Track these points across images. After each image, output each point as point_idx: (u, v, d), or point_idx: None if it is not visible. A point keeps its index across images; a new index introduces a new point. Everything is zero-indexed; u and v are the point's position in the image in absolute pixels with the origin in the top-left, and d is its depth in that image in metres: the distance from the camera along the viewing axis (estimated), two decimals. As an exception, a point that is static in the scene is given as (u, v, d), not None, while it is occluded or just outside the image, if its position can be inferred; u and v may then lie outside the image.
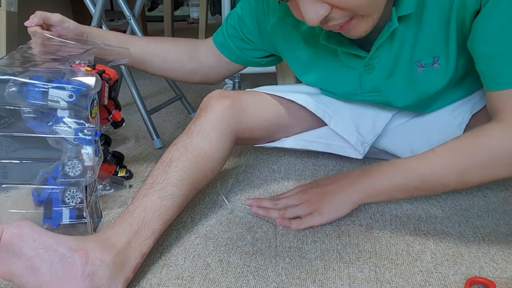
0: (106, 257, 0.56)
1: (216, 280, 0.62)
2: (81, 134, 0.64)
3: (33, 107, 0.63)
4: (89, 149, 0.65)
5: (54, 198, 0.66)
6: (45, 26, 0.77)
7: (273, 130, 0.87)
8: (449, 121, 0.83)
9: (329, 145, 0.90)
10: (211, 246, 0.70)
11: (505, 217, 0.77)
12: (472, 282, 0.60)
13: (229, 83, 1.53)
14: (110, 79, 0.79)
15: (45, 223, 0.67)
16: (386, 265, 0.64)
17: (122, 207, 0.81)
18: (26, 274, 0.53)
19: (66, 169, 0.65)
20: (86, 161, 0.65)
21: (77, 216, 0.67)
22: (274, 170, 0.97)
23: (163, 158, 0.72)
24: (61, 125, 0.64)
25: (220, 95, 0.80)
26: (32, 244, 0.54)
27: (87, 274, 0.54)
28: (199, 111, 0.80)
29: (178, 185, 0.68)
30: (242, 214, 0.79)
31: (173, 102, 1.29)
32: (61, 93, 0.62)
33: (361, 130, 0.87)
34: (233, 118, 0.79)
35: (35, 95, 0.62)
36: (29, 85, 0.62)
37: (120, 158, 0.91)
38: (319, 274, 0.63)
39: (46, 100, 0.62)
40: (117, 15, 3.05)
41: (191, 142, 0.73)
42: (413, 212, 0.79)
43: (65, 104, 0.63)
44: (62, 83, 0.63)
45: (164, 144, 1.12)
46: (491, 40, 0.62)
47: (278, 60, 0.95)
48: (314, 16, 0.57)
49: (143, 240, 0.62)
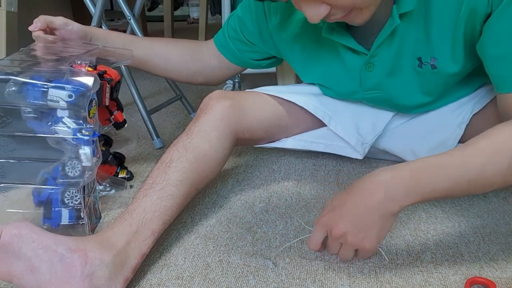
0: (106, 257, 0.56)
1: (216, 280, 0.62)
2: (79, 134, 0.64)
3: (33, 107, 0.63)
4: (87, 149, 0.64)
5: (54, 198, 0.66)
6: (49, 30, 0.78)
7: (273, 131, 0.87)
8: (450, 121, 0.83)
9: (329, 146, 0.90)
10: (211, 246, 0.70)
11: (505, 217, 0.77)
12: (472, 282, 0.60)
13: (229, 83, 1.53)
14: (112, 79, 0.79)
15: (45, 223, 0.67)
16: (386, 265, 0.64)
17: (122, 208, 0.81)
18: (26, 275, 0.53)
19: (66, 169, 0.65)
20: (84, 161, 0.65)
21: (76, 217, 0.67)
22: (274, 170, 0.97)
23: (162, 159, 0.72)
24: (60, 125, 0.64)
25: (220, 96, 0.81)
26: (31, 244, 0.54)
27: (86, 274, 0.54)
28: (199, 111, 0.80)
29: (178, 185, 0.68)
30: (242, 214, 0.79)
31: (173, 102, 1.29)
32: (60, 93, 0.62)
33: (361, 130, 0.87)
34: (233, 118, 0.79)
35: (35, 94, 0.62)
36: (29, 85, 0.62)
37: (121, 159, 0.91)
38: (319, 274, 0.63)
39: (45, 100, 0.62)
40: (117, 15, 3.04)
41: (191, 142, 0.73)
42: (413, 212, 0.79)
43: (65, 104, 0.63)
44: (61, 83, 0.63)
45: (164, 144, 1.12)
46: (502, 42, 0.62)
47: (278, 62, 0.96)
48: (316, 15, 0.59)
49: (143, 240, 0.62)
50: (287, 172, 0.96)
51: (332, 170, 0.97)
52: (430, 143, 0.83)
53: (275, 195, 0.86)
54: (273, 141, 0.90)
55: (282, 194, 0.86)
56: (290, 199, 0.84)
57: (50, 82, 0.63)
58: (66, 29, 0.78)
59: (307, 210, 0.80)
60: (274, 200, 0.84)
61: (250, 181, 0.92)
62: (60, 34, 0.78)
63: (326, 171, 0.96)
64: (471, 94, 0.83)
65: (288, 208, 0.81)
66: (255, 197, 0.85)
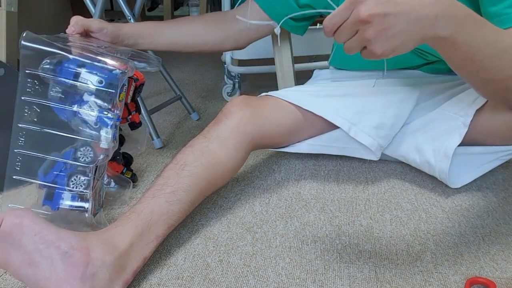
0: (107, 259, 0.56)
1: (216, 280, 0.62)
2: (104, 117, 0.66)
3: (62, 86, 0.66)
4: (109, 132, 0.66)
5: (59, 181, 0.67)
6: (84, 32, 0.80)
7: (290, 136, 0.89)
8: (453, 116, 0.82)
9: (343, 148, 0.91)
10: (211, 246, 0.70)
11: (505, 217, 0.77)
12: (472, 282, 0.60)
13: (229, 83, 1.53)
14: (138, 79, 0.81)
15: (45, 204, 0.67)
16: (386, 265, 0.64)
17: (122, 207, 0.81)
18: (24, 268, 0.53)
19: (78, 154, 0.66)
20: (103, 143, 0.66)
21: (77, 204, 0.67)
22: (274, 170, 0.97)
23: (177, 159, 0.72)
24: (85, 108, 0.66)
25: (242, 103, 0.81)
26: (32, 238, 0.53)
27: (88, 276, 0.53)
28: (220, 115, 0.80)
29: (188, 190, 0.68)
30: (242, 214, 0.79)
31: (173, 102, 1.29)
32: (91, 77, 0.65)
33: (381, 132, 0.87)
34: (253, 127, 0.79)
35: (68, 73, 0.65)
36: (64, 63, 0.65)
37: (129, 160, 0.91)
38: (319, 274, 0.63)
39: (76, 80, 0.65)
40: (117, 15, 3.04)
41: (207, 147, 0.73)
42: (413, 212, 0.79)
43: (94, 87, 0.65)
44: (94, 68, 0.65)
45: (164, 144, 1.12)
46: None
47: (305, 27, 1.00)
48: None
49: (146, 244, 0.62)
50: (287, 172, 0.96)
51: (332, 170, 0.97)
52: (435, 138, 0.83)
53: (275, 195, 0.86)
54: (287, 145, 0.91)
55: (282, 194, 0.86)
56: (290, 199, 0.84)
57: (84, 66, 0.65)
58: (101, 33, 0.80)
59: (307, 210, 0.80)
60: (274, 200, 0.84)
61: (250, 181, 0.92)
62: (95, 36, 0.81)
63: (326, 171, 0.96)
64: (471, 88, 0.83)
65: (288, 208, 0.81)
66: (255, 197, 0.85)
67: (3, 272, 0.64)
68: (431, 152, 0.83)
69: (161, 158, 1.04)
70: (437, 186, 0.87)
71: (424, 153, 0.84)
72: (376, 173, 0.94)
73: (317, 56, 1.61)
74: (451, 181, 0.84)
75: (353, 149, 0.90)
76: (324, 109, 0.85)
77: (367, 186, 0.89)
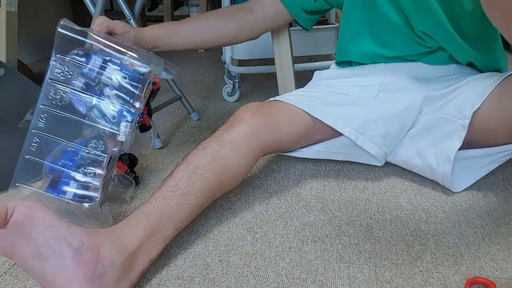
0: (117, 259, 0.56)
1: (216, 280, 0.62)
2: (126, 111, 0.67)
3: (85, 78, 0.68)
4: (129, 126, 0.68)
5: (66, 170, 0.67)
6: (108, 34, 0.80)
7: (299, 141, 0.89)
8: (452, 120, 0.82)
9: (350, 155, 0.92)
10: (211, 246, 0.70)
11: (505, 217, 0.77)
12: (472, 282, 0.60)
13: (229, 83, 1.53)
14: (155, 83, 0.81)
15: (48, 191, 0.67)
16: (386, 265, 0.65)
17: (122, 207, 0.81)
18: (31, 260, 0.52)
19: (89, 146, 0.67)
20: (121, 136, 0.67)
21: (81, 196, 0.67)
22: (274, 170, 0.97)
23: (188, 161, 0.71)
24: (105, 100, 0.68)
25: (255, 110, 0.81)
26: (44, 232, 0.53)
27: (97, 276, 0.53)
28: (233, 119, 0.79)
29: (198, 194, 0.68)
30: (242, 214, 0.79)
31: (173, 102, 1.29)
32: (117, 73, 0.67)
33: (388, 140, 0.88)
34: (266, 135, 0.80)
35: (94, 65, 0.67)
36: (91, 56, 0.67)
37: (134, 161, 0.91)
38: (319, 274, 0.63)
39: (101, 74, 0.67)
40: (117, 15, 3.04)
41: (220, 151, 0.73)
42: (413, 212, 0.79)
43: (117, 83, 0.67)
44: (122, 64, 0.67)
45: (164, 144, 1.12)
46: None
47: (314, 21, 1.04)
48: None
49: (153, 246, 0.61)
50: (287, 172, 0.96)
51: (332, 170, 0.97)
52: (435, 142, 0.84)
53: (275, 195, 0.86)
54: (295, 150, 0.92)
55: (282, 194, 0.86)
56: (290, 199, 0.84)
57: (110, 61, 0.68)
58: (124, 37, 0.80)
59: (307, 210, 0.80)
60: (274, 200, 0.84)
61: (250, 181, 0.92)
62: (117, 38, 0.80)
63: (326, 171, 0.96)
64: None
65: (288, 208, 0.81)
66: (255, 197, 0.85)
67: (3, 272, 0.64)
68: (432, 156, 0.84)
69: (161, 158, 1.04)
70: (437, 186, 0.87)
71: (426, 158, 0.85)
72: (376, 173, 0.94)
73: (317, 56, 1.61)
74: (452, 185, 0.84)
75: (358, 156, 0.91)
76: (333, 119, 0.86)
77: (367, 186, 0.89)
